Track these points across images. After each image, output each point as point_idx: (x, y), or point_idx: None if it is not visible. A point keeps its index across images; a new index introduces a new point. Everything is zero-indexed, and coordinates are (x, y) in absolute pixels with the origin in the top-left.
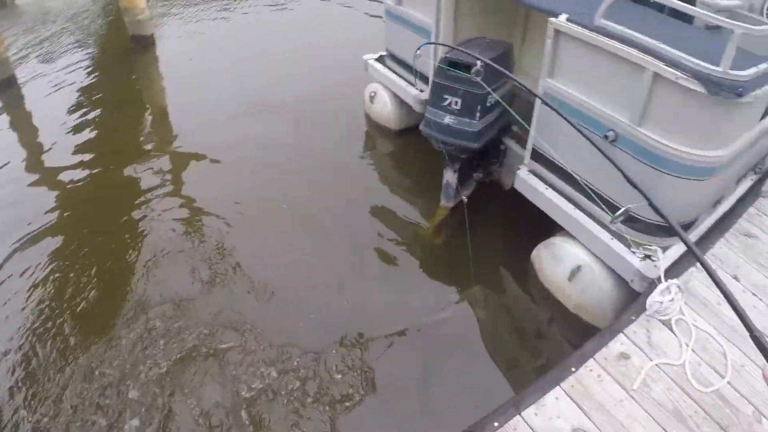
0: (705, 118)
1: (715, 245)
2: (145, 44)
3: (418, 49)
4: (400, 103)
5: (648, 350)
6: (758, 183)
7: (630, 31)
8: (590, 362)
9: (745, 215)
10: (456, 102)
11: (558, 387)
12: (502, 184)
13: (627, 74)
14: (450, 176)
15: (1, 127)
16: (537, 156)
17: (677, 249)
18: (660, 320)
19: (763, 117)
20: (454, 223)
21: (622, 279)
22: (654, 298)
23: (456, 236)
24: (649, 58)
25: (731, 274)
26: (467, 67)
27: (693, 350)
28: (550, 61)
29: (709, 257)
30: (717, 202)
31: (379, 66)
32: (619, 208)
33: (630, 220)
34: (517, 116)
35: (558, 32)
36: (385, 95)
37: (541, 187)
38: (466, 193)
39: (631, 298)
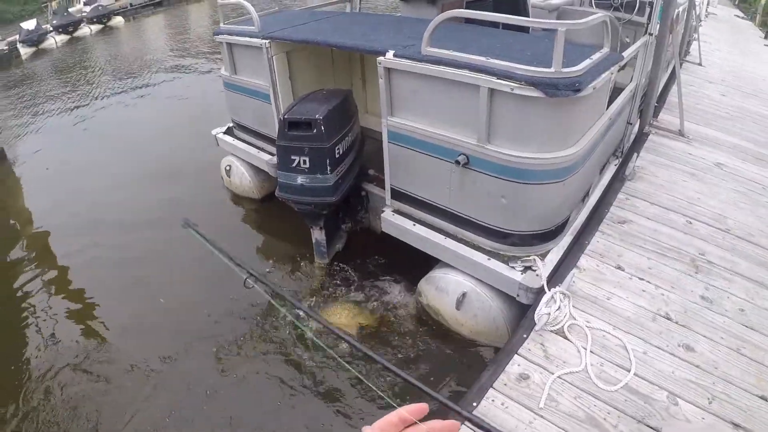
0: (550, 121)
1: (592, 240)
2: None
3: None
4: (257, 170)
5: (546, 364)
6: (621, 166)
7: (457, 54)
8: (490, 392)
9: (615, 202)
10: (304, 161)
11: (463, 426)
12: (374, 229)
13: (464, 96)
14: (318, 234)
15: None
16: (398, 195)
17: (556, 252)
18: (552, 331)
19: (609, 103)
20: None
21: (509, 296)
22: (541, 311)
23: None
24: (481, 76)
25: (614, 265)
26: (307, 124)
27: (592, 352)
28: (387, 99)
29: (589, 254)
30: (585, 196)
31: (228, 138)
32: (488, 227)
33: (502, 236)
34: None
35: (388, 70)
36: (240, 166)
37: (408, 224)
38: (339, 246)
39: (524, 312)
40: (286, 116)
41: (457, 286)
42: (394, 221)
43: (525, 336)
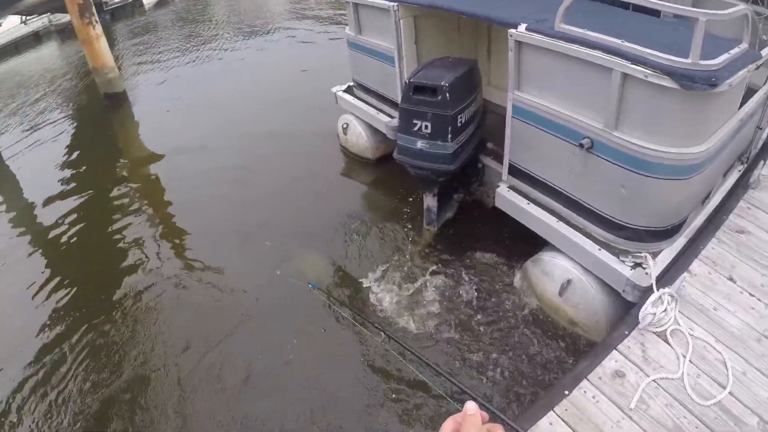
0: (681, 114)
1: (707, 246)
2: (117, 101)
3: None
4: (374, 131)
5: (644, 365)
6: (746, 173)
7: (592, 33)
8: (584, 383)
9: (735, 210)
10: (426, 126)
11: (551, 412)
12: (485, 202)
13: (595, 78)
14: (430, 200)
15: None
16: (515, 171)
17: (669, 253)
18: (654, 332)
19: (742, 104)
20: (443, 242)
21: (614, 289)
22: (646, 310)
23: (444, 258)
24: (615, 59)
25: (726, 276)
26: (432, 90)
27: (691, 361)
28: (515, 73)
29: (702, 259)
30: (706, 199)
31: (348, 97)
32: (603, 216)
33: (616, 228)
34: None
35: (519, 43)
36: (358, 125)
37: (522, 203)
38: (449, 214)
39: (626, 309)
40: (411, 80)
41: (563, 272)
42: (508, 197)
43: (626, 333)
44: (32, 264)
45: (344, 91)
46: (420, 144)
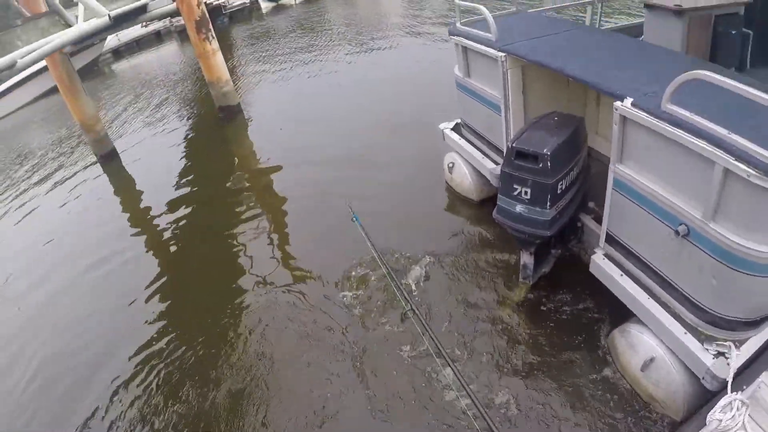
0: None
1: None
2: (232, 113)
3: None
4: (479, 173)
5: None
6: None
7: (699, 119)
8: None
9: None
10: (525, 192)
11: None
12: (582, 259)
13: (697, 166)
14: (527, 258)
15: (106, 196)
16: (612, 240)
17: (755, 341)
18: None
19: None
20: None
21: (696, 374)
22: (714, 416)
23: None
24: (719, 152)
25: None
26: (534, 158)
27: None
28: (618, 146)
29: None
30: None
31: (455, 136)
32: (693, 300)
33: (704, 313)
34: None
35: (624, 117)
36: (463, 165)
37: (616, 274)
38: (545, 269)
39: (705, 393)
40: (515, 144)
41: (648, 349)
42: (602, 266)
43: None
44: (147, 266)
45: (452, 128)
46: (519, 208)
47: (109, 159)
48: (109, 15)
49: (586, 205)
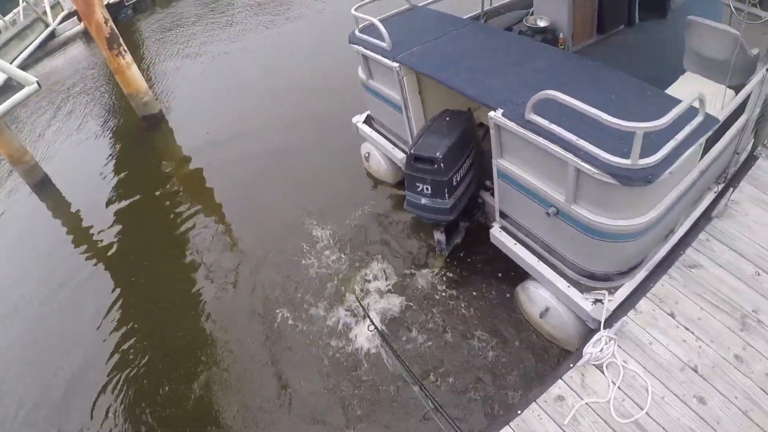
0: (624, 199)
1: (657, 283)
2: (155, 121)
3: None
4: (391, 162)
5: (580, 391)
6: (715, 201)
7: (555, 127)
8: (533, 405)
9: (694, 243)
10: (427, 188)
11: (507, 426)
12: (489, 227)
13: (557, 164)
14: (439, 235)
15: (46, 222)
16: (504, 216)
17: (627, 288)
18: (594, 365)
19: (702, 156)
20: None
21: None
22: (587, 349)
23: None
24: (570, 156)
25: (668, 312)
26: (430, 161)
27: (619, 388)
28: (497, 145)
29: (649, 297)
30: (670, 233)
31: (367, 129)
32: (569, 260)
33: (581, 271)
34: None
35: (497, 125)
36: (378, 155)
37: (510, 243)
38: (458, 240)
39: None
40: (412, 151)
41: (542, 301)
42: (499, 237)
43: (571, 365)
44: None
45: (364, 121)
46: (423, 200)
47: (43, 186)
48: (38, 82)
49: (484, 184)
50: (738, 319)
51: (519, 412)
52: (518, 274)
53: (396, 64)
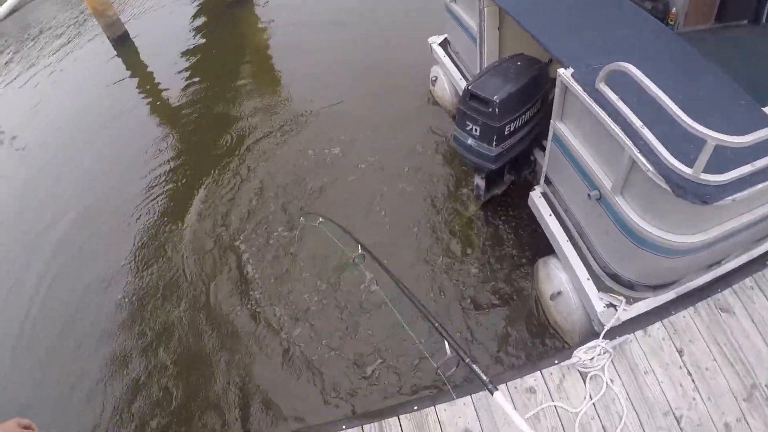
0: (671, 210)
1: (679, 312)
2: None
3: None
4: (456, 92)
5: (554, 392)
6: None
7: (622, 106)
8: (502, 386)
9: (736, 286)
10: (476, 129)
11: (468, 396)
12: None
13: (613, 146)
14: (478, 180)
15: (122, 77)
16: (549, 182)
17: (646, 304)
18: (579, 370)
19: None
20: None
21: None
22: (578, 353)
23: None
24: (629, 142)
25: (677, 347)
26: (485, 102)
27: (594, 405)
28: (559, 106)
29: (665, 324)
30: (715, 264)
31: (441, 52)
32: (597, 251)
33: (606, 267)
34: None
35: (563, 84)
36: (445, 81)
37: (546, 212)
38: (499, 189)
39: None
40: (470, 87)
41: (558, 283)
42: (537, 202)
43: (555, 362)
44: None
45: (439, 44)
46: (470, 141)
47: (123, 41)
48: None
49: (540, 143)
50: (746, 387)
51: (491, 386)
52: (545, 247)
53: None
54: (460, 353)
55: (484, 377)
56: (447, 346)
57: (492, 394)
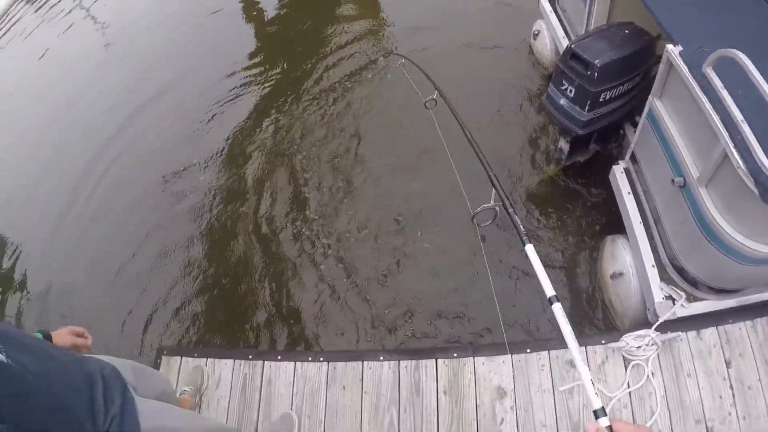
0: (756, 214)
1: (736, 323)
2: None
3: None
4: (557, 49)
5: (594, 371)
6: None
7: (725, 95)
8: (543, 353)
9: None
10: (570, 90)
11: (509, 355)
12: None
13: (708, 134)
14: (563, 143)
15: None
16: (634, 159)
17: (705, 306)
18: (624, 355)
19: None
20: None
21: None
22: (627, 338)
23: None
24: (726, 134)
25: (726, 358)
26: (585, 64)
27: (630, 394)
28: (660, 82)
29: (720, 330)
30: None
31: (548, 6)
32: (670, 245)
33: (675, 259)
34: None
35: (669, 61)
36: (547, 36)
37: (624, 190)
38: (582, 157)
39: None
40: (573, 46)
41: (622, 264)
42: (618, 178)
43: (602, 342)
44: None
45: None
46: (562, 101)
47: None
48: None
49: (633, 118)
50: None
51: (528, 350)
52: (615, 225)
53: None
54: (505, 203)
55: (522, 228)
56: (493, 195)
57: (524, 245)
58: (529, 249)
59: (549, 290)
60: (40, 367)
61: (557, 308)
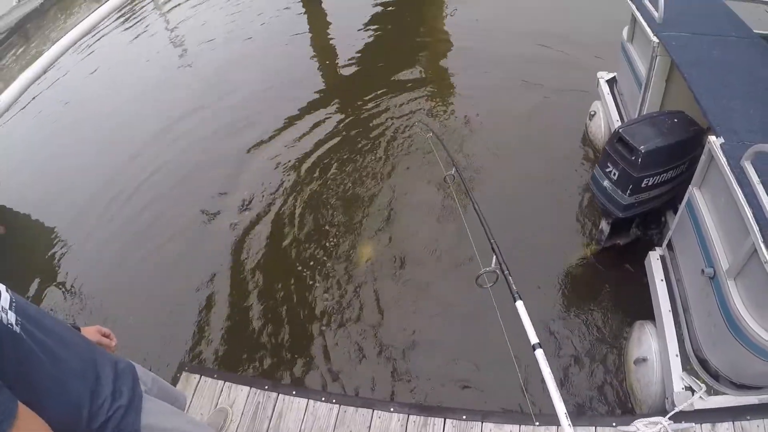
0: None
1: (755, 419)
2: None
3: None
4: (611, 131)
5: None
6: None
7: (760, 189)
8: (551, 428)
9: None
10: (614, 173)
11: (517, 426)
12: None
13: (740, 227)
14: (603, 225)
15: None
16: (671, 247)
17: (726, 399)
18: None
19: None
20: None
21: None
22: (637, 424)
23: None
24: (756, 228)
25: None
26: (630, 149)
27: None
28: (701, 172)
29: (736, 426)
30: None
31: (606, 88)
32: (695, 335)
33: (699, 350)
34: None
35: (710, 152)
36: (603, 118)
37: (658, 276)
38: (621, 240)
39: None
40: (620, 130)
41: (647, 350)
42: (652, 264)
43: (613, 424)
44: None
45: (607, 80)
46: (606, 183)
47: (312, 1)
48: None
49: (675, 205)
50: None
51: (537, 423)
52: (646, 310)
53: (656, 41)
54: (503, 266)
55: (514, 287)
56: (494, 260)
57: (515, 301)
58: (519, 305)
59: (533, 338)
60: (51, 348)
61: (539, 354)
